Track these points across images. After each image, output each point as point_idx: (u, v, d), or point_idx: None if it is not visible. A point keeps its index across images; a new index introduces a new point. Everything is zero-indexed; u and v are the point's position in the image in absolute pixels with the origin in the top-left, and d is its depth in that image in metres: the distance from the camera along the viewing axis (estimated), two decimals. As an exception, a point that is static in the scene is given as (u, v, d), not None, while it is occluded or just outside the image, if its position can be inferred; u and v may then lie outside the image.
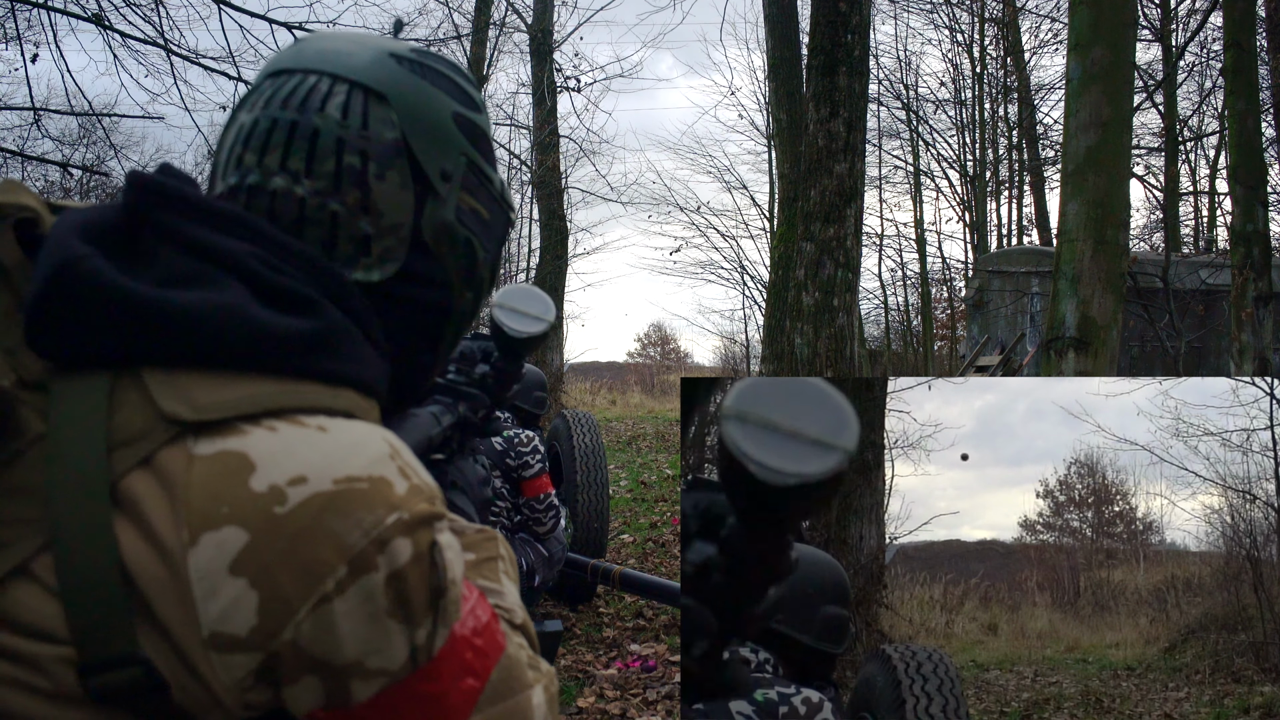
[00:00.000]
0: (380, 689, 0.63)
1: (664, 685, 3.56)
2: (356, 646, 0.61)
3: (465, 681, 0.67)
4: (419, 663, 0.64)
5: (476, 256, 0.81)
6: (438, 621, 0.65)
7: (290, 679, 0.62)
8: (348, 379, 0.67)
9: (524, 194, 15.68)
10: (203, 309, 0.61)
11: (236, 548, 0.58)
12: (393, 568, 0.61)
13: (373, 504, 0.61)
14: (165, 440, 0.59)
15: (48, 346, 0.60)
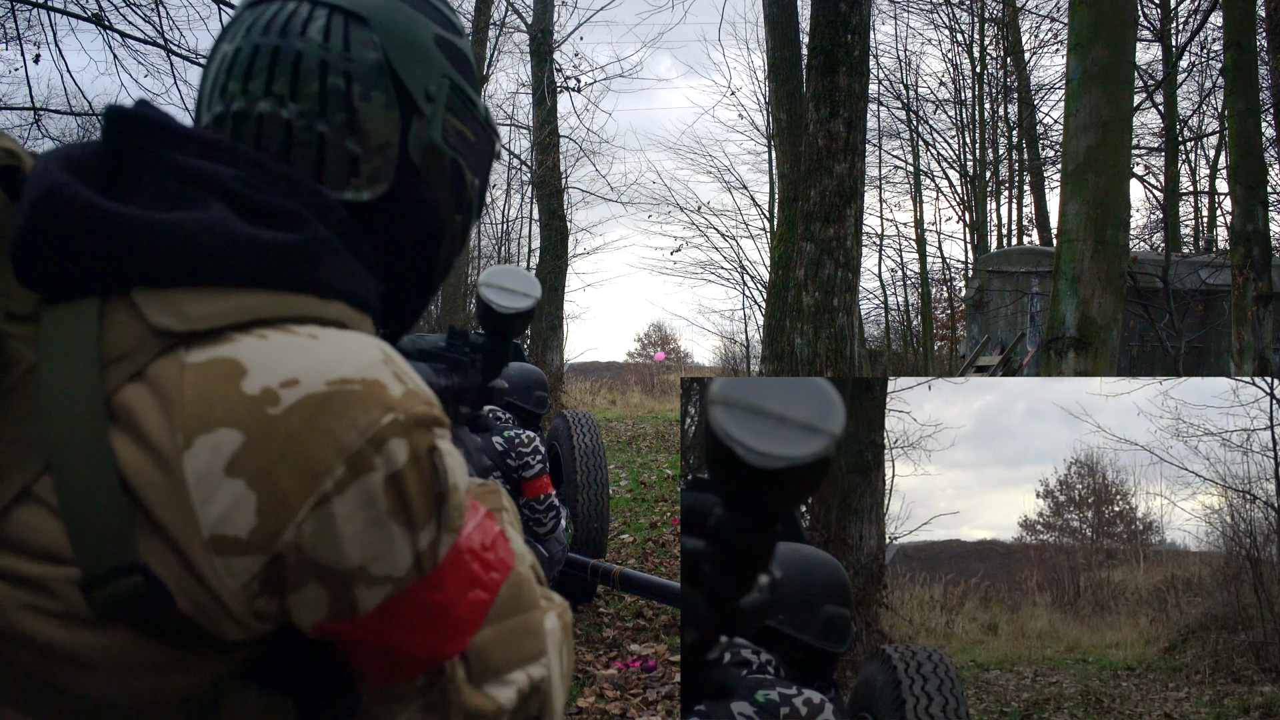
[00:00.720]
0: (386, 597, 0.63)
1: (664, 685, 3.56)
2: (359, 551, 0.61)
3: (473, 593, 0.66)
4: (424, 570, 0.63)
5: (464, 179, 0.81)
6: (441, 527, 0.64)
7: (294, 584, 0.61)
8: (338, 291, 0.67)
9: (524, 194, 15.68)
10: (185, 225, 0.61)
11: (232, 449, 0.58)
12: (391, 469, 0.61)
13: (367, 404, 0.61)
14: (157, 353, 0.60)
15: (36, 277, 0.60)
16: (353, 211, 0.73)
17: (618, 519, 6.83)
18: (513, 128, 15.34)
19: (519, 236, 16.01)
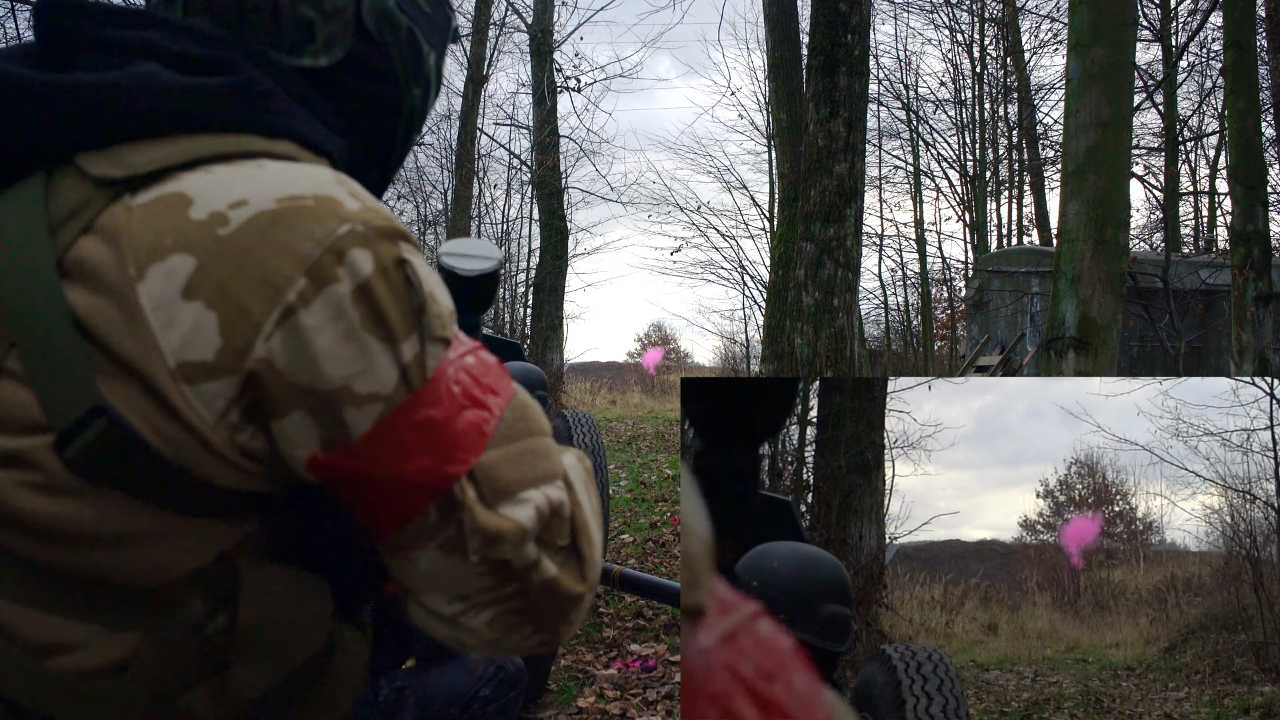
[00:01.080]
0: (377, 418, 0.61)
1: (664, 685, 3.56)
2: (338, 367, 0.59)
3: (472, 412, 0.64)
4: (412, 384, 0.61)
5: (421, 49, 0.82)
6: (424, 338, 0.62)
7: (276, 411, 0.59)
8: (285, 130, 0.67)
9: (524, 194, 15.68)
10: (118, 82, 0.62)
11: (185, 273, 0.57)
12: (357, 280, 0.60)
13: (321, 217, 0.60)
14: (104, 204, 0.60)
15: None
16: (311, 78, 0.73)
17: (618, 519, 6.83)
18: (513, 128, 15.34)
19: (519, 236, 16.01)
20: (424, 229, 14.37)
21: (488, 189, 14.95)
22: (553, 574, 0.67)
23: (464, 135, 13.73)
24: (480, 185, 14.51)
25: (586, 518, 0.71)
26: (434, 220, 14.42)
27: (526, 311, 14.81)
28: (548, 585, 0.67)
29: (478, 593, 0.65)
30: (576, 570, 0.69)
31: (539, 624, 0.69)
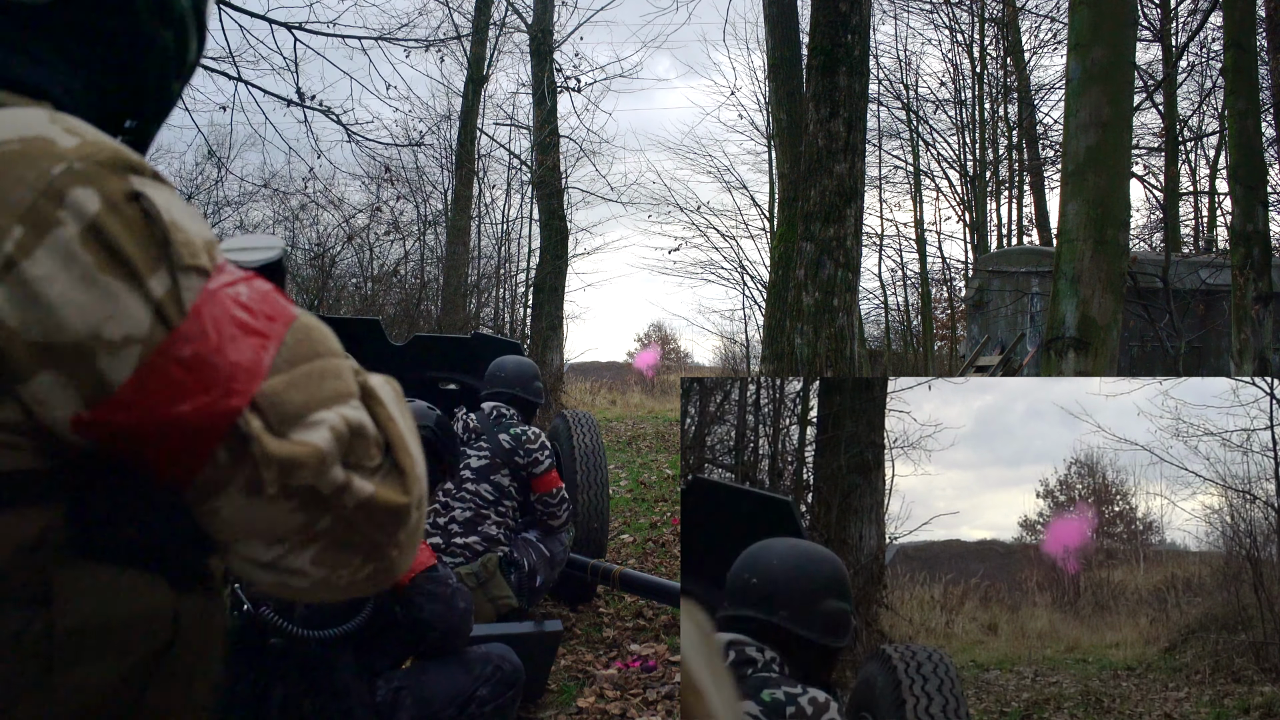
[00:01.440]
0: (138, 362, 0.57)
1: (664, 685, 3.55)
2: (80, 316, 0.55)
3: (247, 340, 0.61)
4: (170, 320, 0.58)
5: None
6: (174, 271, 0.58)
7: (20, 375, 0.55)
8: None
9: (524, 194, 15.68)
10: None
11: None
12: (83, 220, 0.56)
13: (32, 159, 0.57)
14: None
15: None
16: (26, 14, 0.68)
17: (618, 519, 6.83)
18: (513, 128, 15.34)
19: (519, 236, 16.00)
20: (424, 229, 14.37)
21: (488, 189, 14.95)
22: (369, 492, 0.64)
23: (464, 135, 13.73)
24: (480, 185, 14.50)
25: (401, 432, 0.68)
26: (434, 220, 14.41)
27: (526, 311, 14.81)
28: (365, 506, 0.64)
29: (293, 531, 0.62)
30: (397, 484, 0.66)
31: (366, 551, 0.65)
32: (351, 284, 13.38)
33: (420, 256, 14.43)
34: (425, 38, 9.79)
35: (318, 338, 0.67)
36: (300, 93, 7.47)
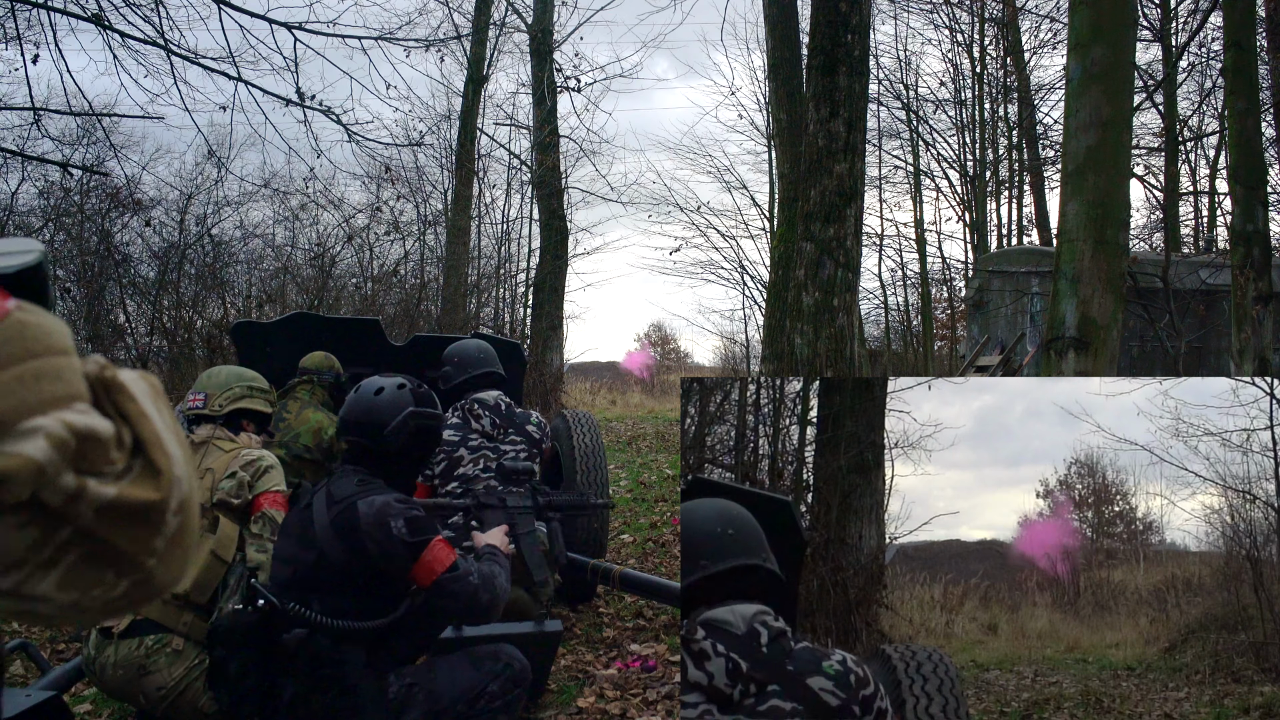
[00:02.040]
0: None
1: (664, 685, 3.55)
2: None
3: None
4: None
5: None
6: None
7: None
8: None
9: (524, 194, 15.67)
10: None
11: None
12: None
13: None
14: None
15: None
16: None
17: (618, 519, 6.83)
18: (513, 128, 15.34)
19: (519, 236, 16.00)
20: (424, 229, 14.37)
21: (488, 189, 14.95)
22: (111, 494, 0.59)
23: (464, 135, 13.73)
24: (480, 185, 14.50)
25: (156, 429, 0.63)
26: (434, 220, 14.41)
27: (526, 311, 14.80)
28: (109, 510, 0.59)
29: (27, 551, 0.57)
30: (150, 482, 0.61)
31: (119, 565, 0.60)
32: (351, 284, 13.38)
33: (420, 256, 14.43)
34: (425, 38, 9.79)
35: (34, 335, 0.60)
36: (300, 93, 7.47)
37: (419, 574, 2.16)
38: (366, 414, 2.33)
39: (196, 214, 12.28)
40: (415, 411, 2.36)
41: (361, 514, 2.14)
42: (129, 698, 2.58)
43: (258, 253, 13.14)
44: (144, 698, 2.53)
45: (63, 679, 2.81)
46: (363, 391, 2.38)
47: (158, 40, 6.88)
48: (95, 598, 0.60)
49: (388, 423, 2.32)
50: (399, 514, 2.15)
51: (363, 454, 2.35)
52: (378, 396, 2.35)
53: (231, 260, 12.34)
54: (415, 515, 2.18)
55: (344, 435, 2.38)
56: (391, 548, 2.13)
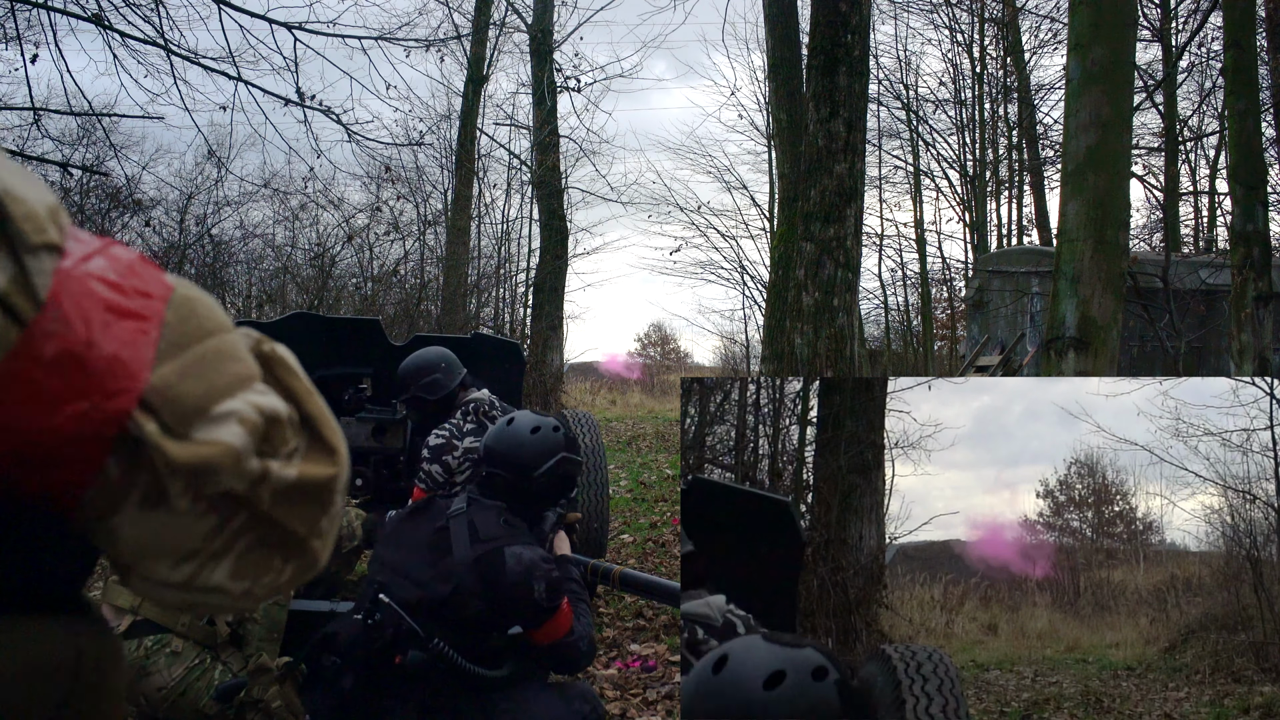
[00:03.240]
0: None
1: (664, 685, 3.55)
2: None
3: (123, 324, 0.51)
4: (23, 315, 0.48)
5: None
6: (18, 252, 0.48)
7: None
8: None
9: (524, 194, 15.67)
10: None
11: None
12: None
13: None
14: None
15: None
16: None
17: (618, 519, 6.83)
18: (513, 128, 15.34)
19: (519, 236, 16.00)
20: (424, 229, 14.37)
21: (488, 189, 14.94)
22: (293, 476, 0.56)
23: (464, 135, 13.73)
24: (480, 185, 14.50)
25: (321, 405, 0.60)
26: (434, 220, 14.41)
27: (526, 311, 14.80)
28: (290, 492, 0.56)
29: (205, 540, 0.54)
30: (325, 459, 0.59)
31: (287, 548, 0.58)
32: (351, 284, 13.38)
33: (420, 256, 14.43)
34: (425, 38, 9.79)
35: (204, 311, 0.56)
36: (300, 93, 7.47)
37: (541, 636, 2.19)
38: (518, 451, 2.33)
39: (196, 214, 12.29)
40: (566, 457, 2.37)
41: (509, 567, 2.13)
42: (130, 699, 2.58)
43: (258, 253, 13.15)
44: (145, 699, 2.53)
45: None
46: (517, 427, 2.38)
47: (158, 40, 6.88)
48: (265, 585, 0.58)
49: (539, 464, 2.33)
50: (542, 577, 2.15)
51: (505, 488, 2.34)
52: (533, 435, 2.35)
53: (231, 260, 12.35)
54: (555, 578, 2.19)
55: (490, 467, 2.37)
56: (528, 608, 2.14)
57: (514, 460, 2.32)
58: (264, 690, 2.49)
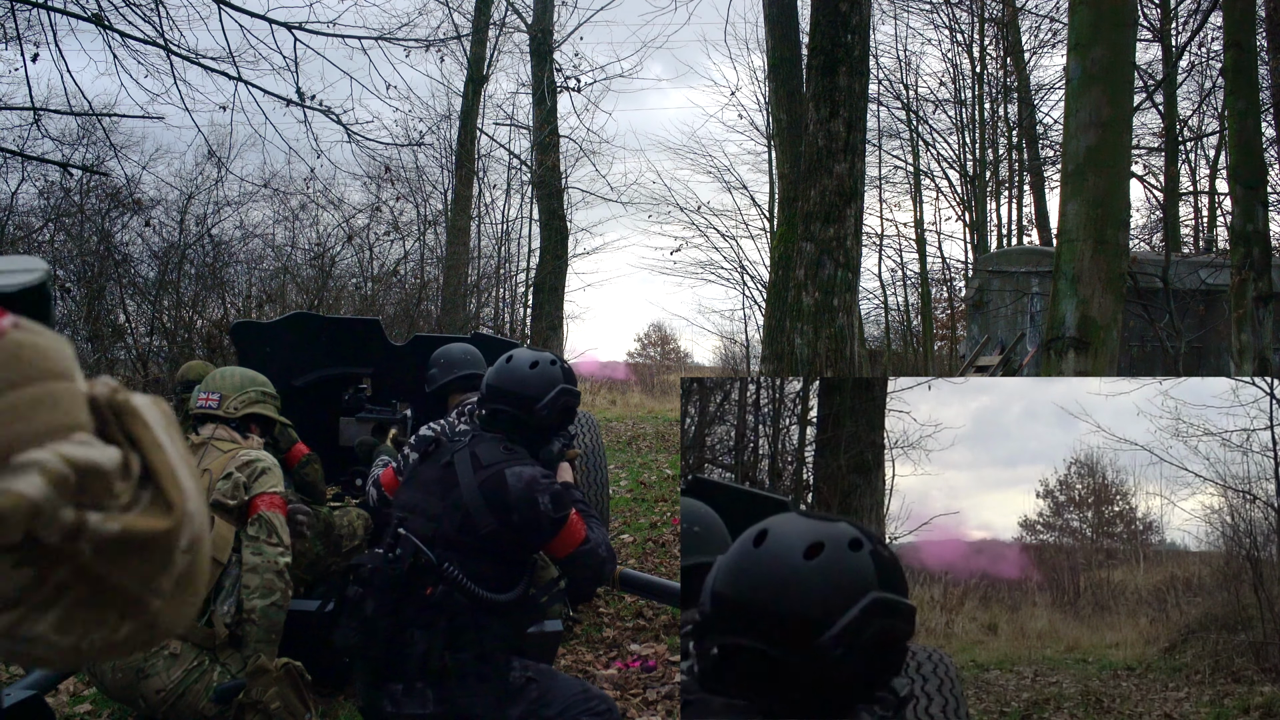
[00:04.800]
0: None
1: (664, 685, 3.55)
2: None
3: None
4: None
5: None
6: None
7: None
8: None
9: (524, 194, 15.67)
10: None
11: None
12: None
13: None
14: None
15: None
16: None
17: (618, 519, 6.83)
18: (513, 128, 15.33)
19: (519, 236, 16.00)
20: (424, 229, 14.37)
21: (488, 189, 14.94)
22: (115, 529, 0.55)
23: (464, 135, 13.73)
24: (480, 185, 14.50)
25: (170, 460, 0.59)
26: (434, 220, 14.41)
27: (526, 311, 14.81)
28: (114, 547, 0.55)
29: (23, 592, 0.53)
30: (160, 515, 0.57)
31: (123, 606, 0.56)
32: (351, 284, 13.38)
33: (420, 256, 14.43)
34: (425, 38, 9.79)
35: (30, 358, 0.55)
36: (300, 93, 7.47)
37: (557, 546, 2.26)
38: (521, 385, 2.41)
39: (196, 214, 12.27)
40: (565, 389, 2.46)
41: (510, 485, 2.20)
42: (130, 701, 2.58)
43: (258, 253, 13.14)
44: (144, 701, 2.53)
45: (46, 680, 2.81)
46: (517, 363, 2.45)
47: (158, 40, 6.88)
48: (95, 641, 0.56)
49: (541, 397, 2.40)
50: (545, 489, 2.22)
51: (508, 422, 2.41)
52: (533, 370, 2.43)
53: (231, 260, 12.34)
54: (558, 490, 2.26)
55: (491, 403, 2.44)
56: (537, 520, 2.20)
57: (516, 394, 2.40)
58: (263, 691, 2.49)
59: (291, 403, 4.35)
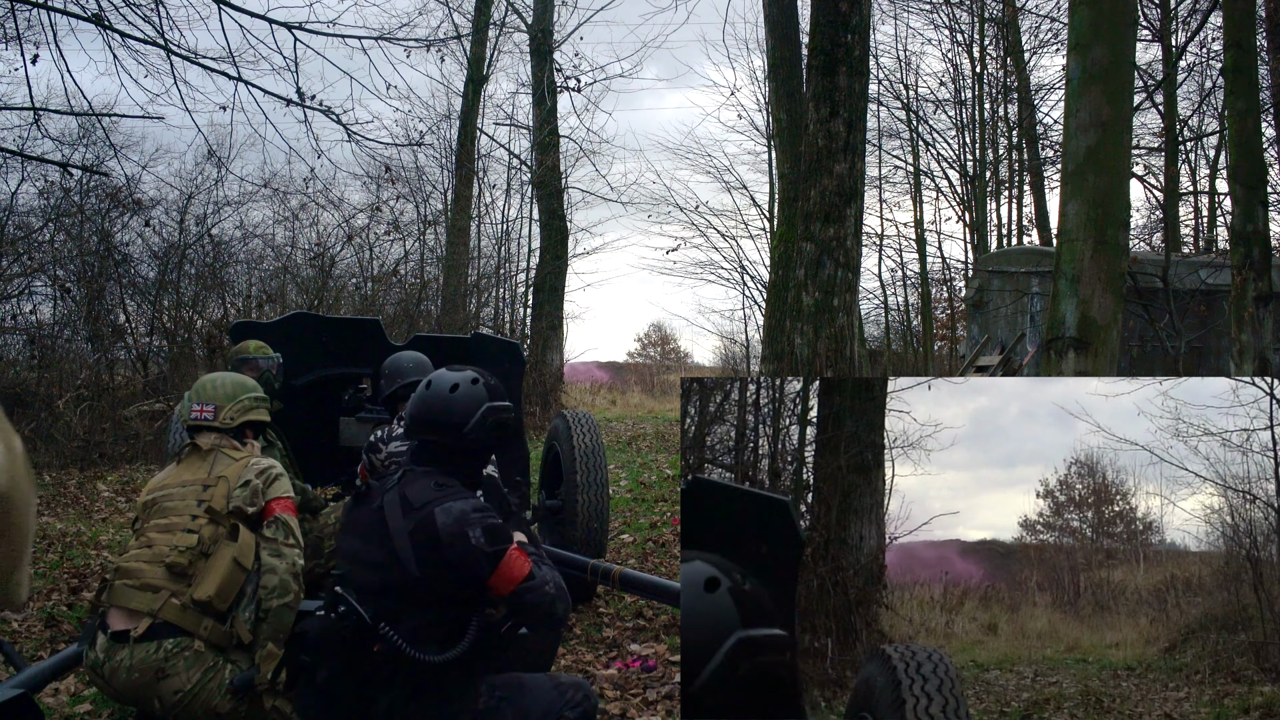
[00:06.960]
0: None
1: (664, 685, 3.55)
2: None
3: None
4: None
5: None
6: None
7: None
8: None
9: (524, 194, 15.66)
10: None
11: None
12: None
13: None
14: None
15: None
16: None
17: (618, 519, 6.83)
18: (513, 128, 15.33)
19: (519, 236, 15.99)
20: (424, 229, 14.37)
21: (488, 189, 14.94)
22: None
23: (464, 135, 13.73)
24: (480, 185, 14.50)
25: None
26: (434, 220, 14.41)
27: (526, 311, 14.80)
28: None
29: None
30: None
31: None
32: (351, 284, 13.38)
33: (420, 256, 14.43)
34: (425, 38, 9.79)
35: None
36: (300, 93, 7.47)
37: (497, 583, 2.12)
38: (445, 412, 2.26)
39: (196, 214, 12.28)
40: (492, 406, 2.29)
41: (440, 524, 2.08)
42: (140, 702, 2.57)
43: (258, 253, 13.15)
44: (158, 701, 2.52)
45: (37, 678, 2.81)
46: (436, 388, 2.30)
47: (158, 40, 6.89)
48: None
49: (466, 420, 2.25)
50: (476, 523, 2.10)
51: (438, 452, 2.28)
52: (454, 393, 2.27)
53: (231, 260, 12.34)
54: (492, 523, 2.13)
55: (419, 434, 2.31)
56: (470, 555, 2.08)
57: (442, 422, 2.26)
58: (275, 672, 2.52)
59: (291, 403, 4.36)
